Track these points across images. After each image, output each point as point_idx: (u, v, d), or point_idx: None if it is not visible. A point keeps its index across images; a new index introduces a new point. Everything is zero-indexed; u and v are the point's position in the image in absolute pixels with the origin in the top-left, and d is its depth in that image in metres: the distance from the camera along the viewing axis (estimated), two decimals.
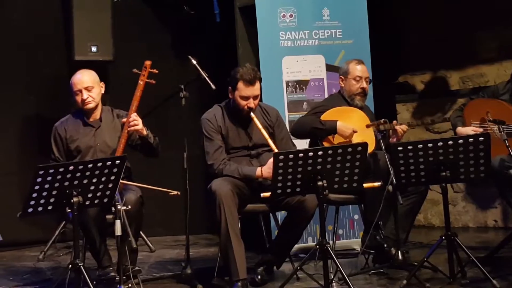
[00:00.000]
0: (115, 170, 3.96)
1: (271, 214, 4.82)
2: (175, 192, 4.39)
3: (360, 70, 5.00)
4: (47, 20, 6.12)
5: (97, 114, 4.63)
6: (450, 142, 4.19)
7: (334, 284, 4.22)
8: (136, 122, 4.44)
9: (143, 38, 6.29)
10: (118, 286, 3.94)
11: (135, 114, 4.45)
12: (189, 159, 4.69)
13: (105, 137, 4.60)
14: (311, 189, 4.12)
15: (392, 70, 6.58)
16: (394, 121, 4.83)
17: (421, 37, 6.59)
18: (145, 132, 4.48)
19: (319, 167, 4.08)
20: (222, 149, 4.48)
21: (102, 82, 4.65)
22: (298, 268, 4.23)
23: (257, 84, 4.48)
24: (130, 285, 4.07)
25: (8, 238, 3.96)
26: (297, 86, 5.54)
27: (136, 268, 4.29)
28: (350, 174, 4.15)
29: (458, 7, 6.34)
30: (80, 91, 4.53)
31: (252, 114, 4.47)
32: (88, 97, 4.53)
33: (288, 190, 4.16)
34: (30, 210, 3.85)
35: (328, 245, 4.07)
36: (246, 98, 4.46)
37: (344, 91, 5.03)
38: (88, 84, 4.54)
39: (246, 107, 4.47)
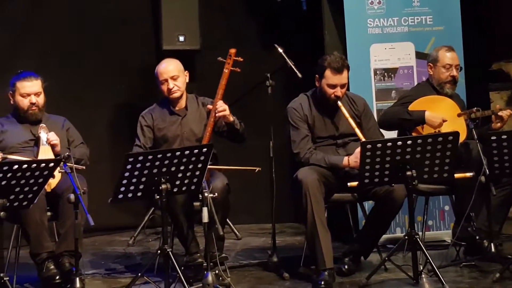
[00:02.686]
0: (202, 158, 4.00)
1: (358, 204, 4.77)
2: (258, 168, 4.39)
3: (450, 58, 4.87)
4: (136, 11, 6.23)
5: (182, 103, 4.68)
6: None
7: (423, 276, 4.14)
8: (222, 108, 4.46)
9: (229, 26, 6.31)
10: (205, 272, 3.98)
11: (221, 101, 4.48)
12: (275, 148, 4.69)
13: (191, 125, 4.65)
14: (399, 179, 4.06)
15: (486, 57, 6.35)
16: (498, 105, 4.69)
17: None
18: (231, 118, 4.50)
19: (408, 156, 4.02)
20: (308, 138, 4.45)
21: (186, 71, 4.70)
22: (386, 258, 4.18)
23: (345, 73, 4.43)
24: (217, 271, 4.10)
25: (100, 223, 4.06)
26: (386, 74, 5.45)
27: (223, 255, 4.32)
28: (440, 164, 4.05)
29: None
30: (166, 80, 4.59)
31: (339, 102, 4.42)
32: (174, 86, 4.58)
33: (376, 180, 4.11)
34: (120, 196, 3.93)
35: (417, 236, 4.00)
36: (333, 86, 4.42)
37: (433, 79, 4.91)
38: (174, 73, 4.60)
39: (333, 95, 4.43)
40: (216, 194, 4.10)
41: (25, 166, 3.56)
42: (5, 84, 4.72)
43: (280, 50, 4.79)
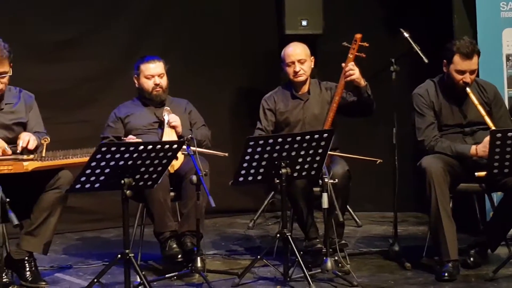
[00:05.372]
0: (322, 143, 3.97)
1: (486, 195, 4.59)
2: (379, 160, 4.33)
3: None
4: None
5: (305, 87, 4.68)
6: None
7: None
8: (352, 71, 4.40)
9: (353, 11, 6.22)
10: (324, 258, 3.97)
11: (352, 63, 4.42)
12: (398, 135, 4.59)
13: (314, 110, 4.63)
14: None
15: None
16: None
17: None
18: (363, 82, 4.43)
19: None
20: (434, 125, 4.34)
21: (312, 56, 4.69)
22: None
23: (475, 58, 4.28)
24: (336, 258, 4.07)
25: (221, 205, 4.11)
26: None
27: (343, 241, 4.30)
28: None
29: None
30: (293, 63, 4.58)
31: (468, 89, 4.27)
32: (300, 70, 4.58)
33: (506, 171, 3.95)
34: (241, 179, 3.97)
35: None
36: (462, 72, 4.26)
37: None
38: (301, 57, 4.59)
39: (461, 82, 4.28)
40: (337, 180, 4.07)
41: (150, 147, 3.66)
42: (130, 69, 4.88)
43: (406, 35, 4.66)
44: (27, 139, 3.72)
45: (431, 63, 4.59)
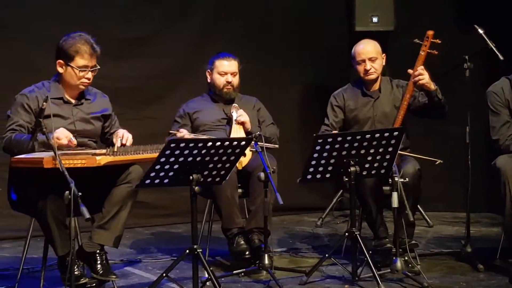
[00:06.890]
0: (393, 141, 3.91)
1: None
2: (439, 161, 4.23)
3: None
4: None
5: (376, 85, 4.62)
6: None
7: None
8: (422, 76, 4.31)
9: (425, 6, 6.11)
10: (393, 258, 3.91)
11: (422, 67, 4.34)
12: (472, 134, 4.48)
13: (384, 108, 4.57)
14: None
15: None
16: None
17: None
18: (433, 86, 4.34)
19: None
20: (509, 124, 4.24)
21: (384, 54, 4.63)
22: None
23: None
24: (406, 258, 4.01)
25: (288, 202, 4.10)
26: None
27: (413, 241, 4.23)
28: None
29: None
30: (364, 61, 4.53)
31: None
32: (371, 68, 4.52)
33: None
34: (309, 177, 3.95)
35: None
36: None
37: None
38: (372, 54, 4.53)
39: None
40: (407, 179, 4.00)
41: (218, 143, 3.67)
42: (199, 66, 4.91)
43: (481, 31, 4.55)
44: (126, 135, 3.83)
45: (506, 60, 4.47)
